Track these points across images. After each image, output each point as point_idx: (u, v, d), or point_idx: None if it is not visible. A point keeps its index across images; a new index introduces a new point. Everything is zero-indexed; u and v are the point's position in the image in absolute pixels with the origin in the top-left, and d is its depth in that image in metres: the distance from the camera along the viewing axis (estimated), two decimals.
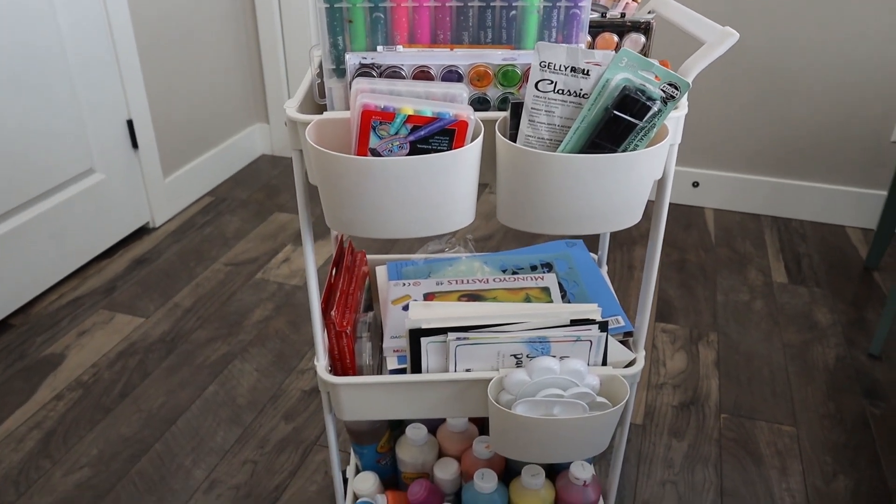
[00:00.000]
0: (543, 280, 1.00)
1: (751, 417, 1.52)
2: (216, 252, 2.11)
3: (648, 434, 1.47)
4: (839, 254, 2.14)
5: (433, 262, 1.07)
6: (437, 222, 0.73)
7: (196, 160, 2.40)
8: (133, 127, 2.09)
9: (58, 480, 1.37)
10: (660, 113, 0.68)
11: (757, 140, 2.28)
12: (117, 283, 1.96)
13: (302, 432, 1.47)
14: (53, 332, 1.77)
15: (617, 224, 0.75)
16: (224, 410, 1.53)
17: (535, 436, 0.86)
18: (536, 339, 0.86)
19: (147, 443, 1.45)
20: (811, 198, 2.29)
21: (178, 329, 1.78)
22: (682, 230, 2.24)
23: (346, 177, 0.69)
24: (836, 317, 1.84)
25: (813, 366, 1.67)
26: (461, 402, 0.89)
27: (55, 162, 1.86)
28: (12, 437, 1.46)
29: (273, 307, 1.86)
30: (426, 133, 0.68)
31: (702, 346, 1.73)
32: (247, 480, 1.37)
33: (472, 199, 0.75)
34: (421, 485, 1.11)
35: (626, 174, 0.71)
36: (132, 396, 1.57)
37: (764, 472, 1.39)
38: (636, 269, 2.03)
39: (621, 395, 0.88)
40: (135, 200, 2.15)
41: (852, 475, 1.39)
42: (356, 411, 0.91)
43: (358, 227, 0.73)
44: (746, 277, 2.01)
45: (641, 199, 0.75)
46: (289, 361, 1.67)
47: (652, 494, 1.34)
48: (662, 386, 1.60)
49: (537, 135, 0.71)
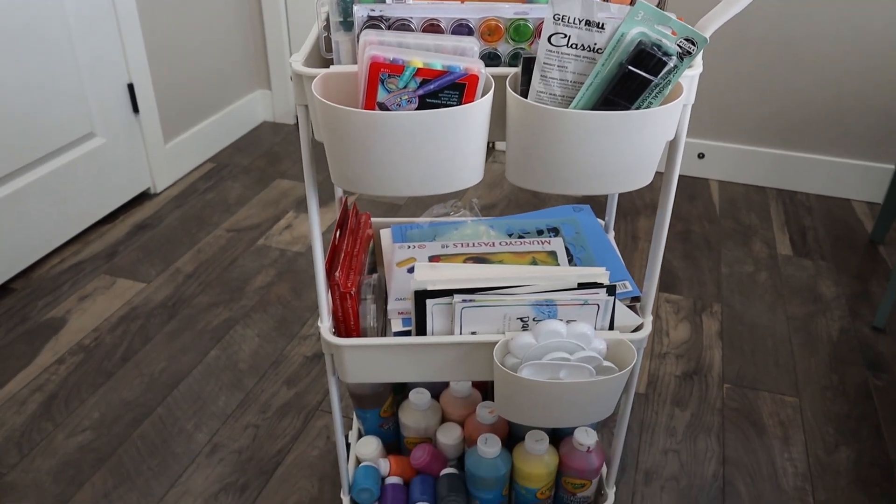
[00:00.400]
0: (550, 244, 0.99)
1: (754, 388, 1.52)
2: (218, 218, 2.09)
3: (651, 403, 1.47)
4: (844, 227, 2.12)
5: (438, 226, 1.05)
6: (446, 179, 0.71)
7: (197, 126, 2.37)
8: (133, 91, 2.06)
9: (60, 443, 1.37)
10: (675, 69, 0.66)
11: (764, 111, 2.25)
12: (118, 248, 1.95)
13: (304, 398, 1.47)
14: (55, 297, 1.76)
15: (628, 184, 0.73)
16: (226, 375, 1.53)
17: (540, 399, 0.86)
18: (543, 303, 0.85)
19: (149, 406, 1.45)
20: (817, 170, 2.27)
21: (179, 294, 1.77)
22: (687, 201, 2.23)
23: (352, 131, 0.67)
24: (841, 289, 1.83)
25: (816, 337, 1.66)
26: (466, 365, 0.89)
27: (55, 125, 1.84)
28: (14, 399, 1.46)
29: (275, 273, 1.85)
30: (436, 87, 0.66)
31: (705, 316, 1.72)
32: (249, 444, 1.37)
33: (481, 157, 0.73)
34: (423, 449, 1.11)
35: (638, 132, 0.69)
36: (134, 361, 1.56)
37: (766, 441, 1.39)
38: (640, 240, 2.02)
39: (628, 360, 0.87)
40: (136, 165, 2.13)
41: (854, 446, 1.39)
42: (360, 373, 0.91)
43: (364, 184, 0.71)
44: (751, 249, 2.00)
45: (653, 160, 0.73)
46: (291, 327, 1.66)
47: (654, 462, 1.34)
48: (665, 356, 1.60)
49: (549, 91, 0.69)
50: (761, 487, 1.30)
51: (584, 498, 1.10)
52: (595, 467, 1.06)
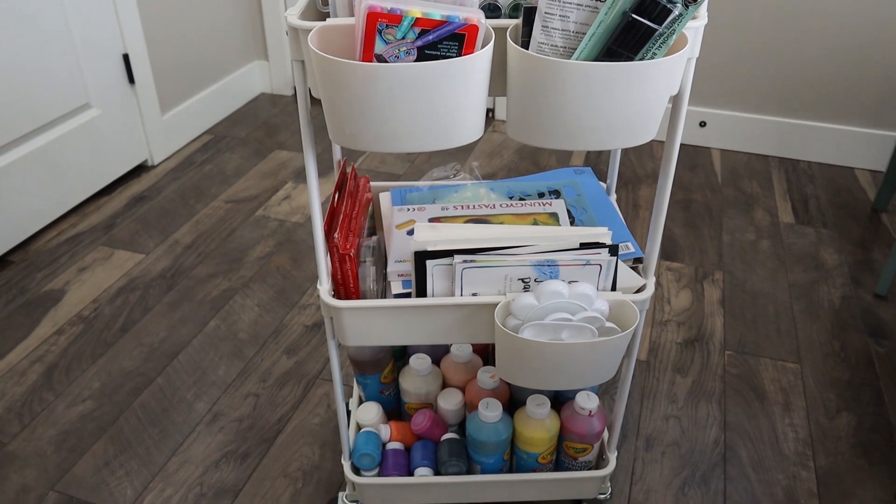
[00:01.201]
0: (551, 206, 0.97)
1: (755, 354, 1.51)
2: (216, 189, 2.08)
3: (652, 370, 1.47)
4: (847, 195, 2.11)
5: (438, 189, 1.04)
6: (445, 135, 0.70)
7: (194, 97, 2.35)
8: (129, 61, 2.04)
9: (61, 413, 1.37)
10: (680, 17, 0.64)
11: (767, 79, 2.22)
12: (116, 220, 1.94)
13: (304, 366, 1.47)
14: (53, 269, 1.75)
15: (631, 139, 0.72)
16: (225, 345, 1.52)
17: (542, 361, 0.85)
18: (545, 263, 0.84)
19: (149, 376, 1.45)
20: (820, 139, 2.25)
21: (178, 265, 1.76)
22: (689, 170, 2.21)
23: (350, 85, 0.66)
24: (843, 257, 1.82)
25: (818, 305, 1.66)
26: (467, 327, 0.88)
27: (50, 96, 1.82)
28: (14, 370, 1.46)
29: (274, 244, 1.84)
30: (434, 38, 0.64)
31: (707, 284, 1.72)
32: (249, 413, 1.37)
33: (482, 112, 0.72)
34: (424, 415, 1.11)
35: (642, 85, 0.68)
36: (133, 331, 1.56)
37: (767, 407, 1.39)
38: (641, 209, 2.00)
39: (630, 321, 0.86)
40: (132, 137, 2.11)
41: (855, 411, 1.38)
42: (360, 336, 0.90)
43: (363, 141, 0.70)
44: (753, 217, 1.98)
45: (656, 115, 0.72)
46: (290, 297, 1.65)
47: (655, 429, 1.34)
48: (667, 323, 1.59)
49: (551, 42, 0.67)
50: (762, 453, 1.30)
51: (585, 462, 1.10)
52: (597, 431, 1.06)
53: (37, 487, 1.22)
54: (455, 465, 1.07)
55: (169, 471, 1.26)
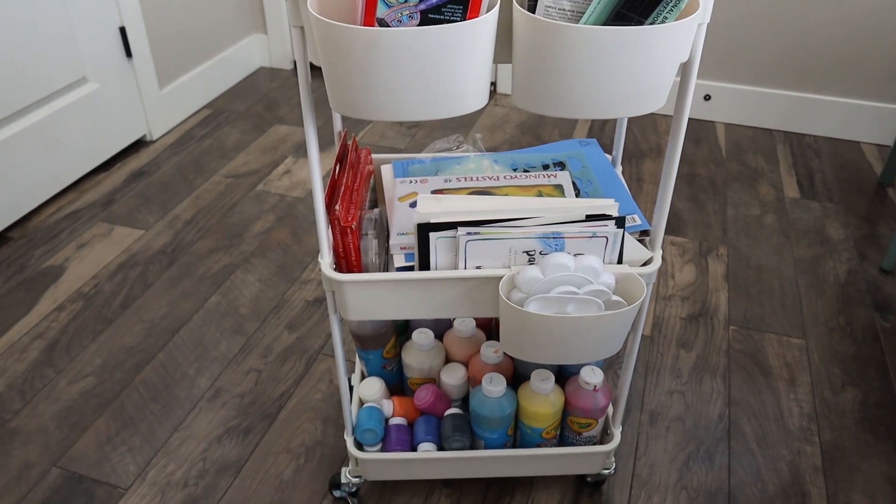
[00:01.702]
0: (556, 178, 0.96)
1: (760, 330, 1.50)
2: (216, 164, 2.06)
3: (656, 345, 1.46)
4: (853, 169, 2.09)
5: (441, 161, 1.02)
6: (448, 103, 0.68)
7: (192, 71, 2.31)
8: (126, 34, 2.01)
9: (62, 389, 1.36)
10: None
11: (772, 51, 2.19)
12: (115, 196, 1.92)
13: (305, 341, 1.46)
14: (52, 245, 1.74)
15: (639, 108, 0.70)
16: (227, 320, 1.51)
17: (547, 335, 0.84)
18: (550, 235, 0.82)
19: (150, 352, 1.44)
20: (826, 112, 2.22)
21: (178, 241, 1.75)
22: (693, 144, 2.19)
23: (350, 51, 0.64)
24: (849, 232, 1.81)
25: (824, 280, 1.64)
26: (471, 300, 0.87)
27: (46, 70, 1.79)
28: (15, 347, 1.45)
29: (275, 218, 1.82)
30: (438, 1, 0.62)
31: (711, 259, 1.70)
32: (251, 388, 1.36)
33: (486, 80, 0.70)
34: (427, 390, 1.10)
35: (652, 51, 0.65)
36: (134, 307, 1.55)
37: (772, 382, 1.38)
38: (645, 182, 1.98)
39: (637, 295, 0.85)
40: (131, 112, 2.09)
41: (860, 386, 1.38)
42: (362, 311, 0.88)
43: (365, 109, 0.68)
44: (758, 192, 1.96)
45: (666, 82, 0.70)
46: (291, 272, 1.64)
47: (659, 403, 1.33)
48: (671, 298, 1.58)
49: (558, 5, 0.65)
50: (767, 428, 1.29)
51: (589, 437, 1.09)
52: (601, 406, 1.05)
53: (39, 464, 1.22)
54: (458, 440, 1.06)
55: (171, 447, 1.25)
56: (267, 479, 1.20)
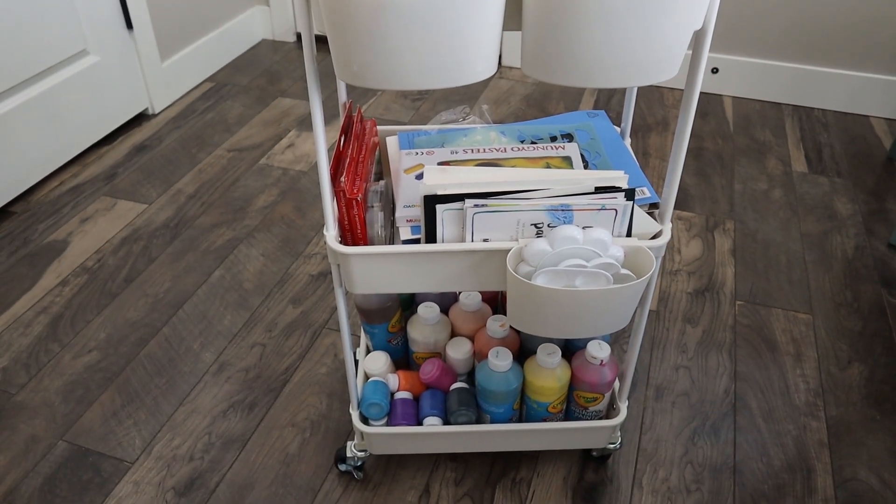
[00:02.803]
0: (564, 149, 0.94)
1: (766, 305, 1.49)
2: (218, 138, 2.04)
3: (662, 320, 1.45)
4: (862, 144, 2.06)
5: (447, 132, 1.01)
6: (458, 70, 0.66)
7: (194, 44, 2.29)
8: (126, 6, 1.98)
9: (67, 363, 1.36)
10: None
11: (781, 24, 2.16)
12: (118, 169, 1.91)
13: (310, 316, 1.45)
14: (56, 219, 1.73)
15: (652, 76, 0.68)
16: (231, 295, 1.51)
17: (555, 309, 0.83)
18: (559, 208, 0.81)
19: (155, 327, 1.44)
20: (835, 86, 2.19)
21: (181, 215, 1.74)
22: (700, 118, 2.16)
23: (357, 16, 0.62)
24: (857, 207, 1.79)
25: (831, 255, 1.63)
26: (478, 273, 0.86)
27: (46, 42, 1.77)
28: (20, 321, 1.45)
29: (278, 192, 1.81)
30: None
31: (718, 233, 1.69)
32: (256, 363, 1.36)
33: (495, 46, 0.68)
34: (433, 364, 1.09)
35: (666, 16, 0.64)
36: (138, 281, 1.54)
37: (778, 357, 1.38)
38: (651, 157, 1.97)
39: (646, 268, 0.84)
40: (132, 85, 2.07)
41: (867, 362, 1.37)
42: (368, 284, 0.88)
43: (371, 78, 0.67)
44: (765, 166, 1.95)
45: (679, 50, 0.68)
46: (295, 246, 1.63)
47: (665, 378, 1.33)
48: (677, 273, 1.57)
49: None
50: (773, 403, 1.29)
51: (595, 412, 1.09)
52: (608, 381, 1.04)
53: (46, 437, 1.22)
54: (464, 414, 1.06)
55: (177, 420, 1.25)
56: (272, 453, 1.20)
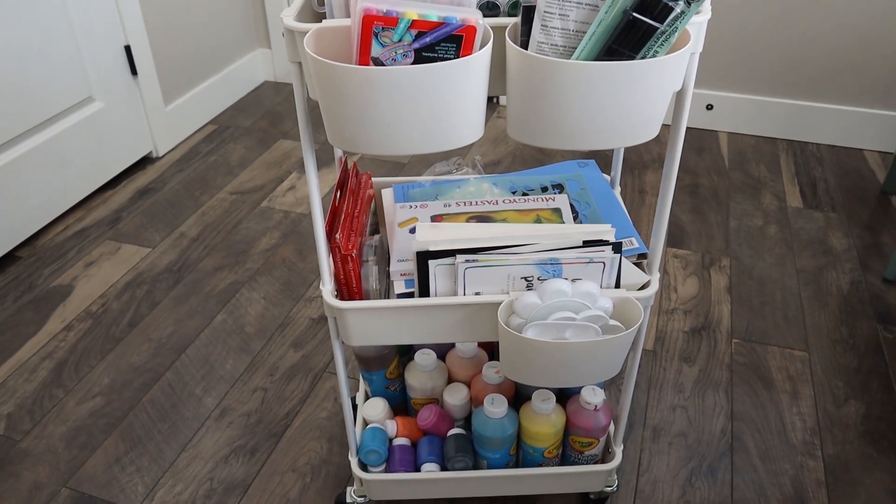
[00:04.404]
0: (554, 201, 0.97)
1: (762, 342, 1.50)
2: (221, 181, 2.08)
3: (659, 359, 1.46)
4: (856, 178, 2.09)
5: (440, 184, 1.03)
6: (444, 137, 0.69)
7: (197, 87, 2.34)
8: (131, 52, 2.03)
9: (71, 409, 1.38)
10: (682, 15, 0.63)
11: (774, 60, 2.19)
12: (122, 213, 1.94)
13: (311, 359, 1.47)
14: (60, 264, 1.76)
15: (633, 138, 0.71)
16: (233, 339, 1.53)
17: (546, 360, 0.85)
18: (548, 261, 0.83)
19: (158, 371, 1.45)
20: (829, 120, 2.22)
21: (184, 258, 1.76)
22: (695, 154, 2.19)
23: (347, 88, 0.65)
24: (852, 241, 1.81)
25: (827, 291, 1.65)
26: (471, 326, 0.88)
27: (52, 90, 1.82)
28: (25, 367, 1.47)
29: (279, 235, 1.84)
30: (432, 40, 0.63)
31: (714, 271, 1.71)
32: (257, 407, 1.37)
33: (481, 113, 0.71)
34: (430, 410, 1.11)
35: (644, 84, 0.67)
36: (141, 326, 1.57)
37: (775, 396, 1.39)
38: (647, 195, 1.99)
39: (635, 318, 0.86)
40: (136, 129, 2.11)
41: (864, 399, 1.38)
42: (364, 337, 0.90)
43: (361, 144, 0.69)
44: (760, 202, 1.97)
45: (659, 112, 0.71)
46: (296, 289, 1.66)
47: (662, 419, 1.34)
48: (673, 311, 1.58)
49: (550, 41, 0.66)
50: (770, 442, 1.29)
51: (591, 456, 1.10)
52: (602, 426, 1.06)
53: (49, 484, 1.24)
54: (461, 460, 1.07)
55: (179, 466, 1.27)
56: (273, 499, 1.21)
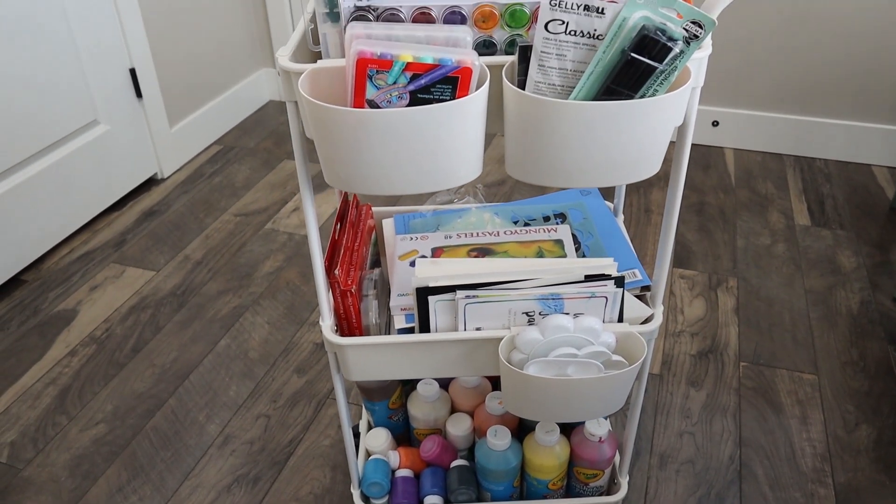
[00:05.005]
0: (556, 232, 0.96)
1: (771, 365, 1.49)
2: (225, 202, 2.08)
3: (666, 384, 1.45)
4: (865, 194, 2.07)
5: (442, 214, 1.03)
6: (442, 177, 0.68)
7: (202, 108, 2.34)
8: (136, 75, 2.04)
9: (74, 437, 1.37)
10: (682, 55, 0.62)
11: (780, 75, 2.18)
12: (127, 236, 1.94)
13: (315, 385, 1.46)
14: (65, 288, 1.76)
15: (634, 176, 0.70)
16: (236, 364, 1.52)
17: (548, 396, 0.84)
18: (549, 297, 0.82)
19: (161, 398, 1.45)
20: (836, 135, 2.21)
21: (188, 282, 1.76)
22: (701, 171, 2.18)
23: (342, 131, 0.64)
24: (861, 260, 1.79)
25: (836, 311, 1.62)
26: (471, 361, 0.87)
27: (57, 114, 1.82)
28: (29, 393, 1.47)
29: (283, 258, 1.83)
30: (427, 81, 0.63)
31: (721, 292, 1.69)
32: (260, 435, 1.36)
33: (479, 151, 0.70)
34: (433, 441, 1.10)
35: (644, 122, 0.66)
36: (145, 351, 1.56)
37: (784, 421, 1.37)
38: (653, 213, 1.98)
39: (638, 353, 0.85)
40: (141, 151, 2.11)
41: (875, 424, 1.36)
42: (364, 372, 0.89)
43: (357, 184, 0.69)
44: (768, 220, 1.95)
45: (660, 148, 0.70)
46: (300, 313, 1.65)
47: (669, 445, 1.32)
48: (680, 334, 1.57)
49: (548, 81, 0.66)
50: (779, 469, 1.27)
51: (596, 488, 1.08)
52: (607, 457, 1.04)
53: None
54: (464, 492, 1.06)
55: (181, 496, 1.26)
56: None
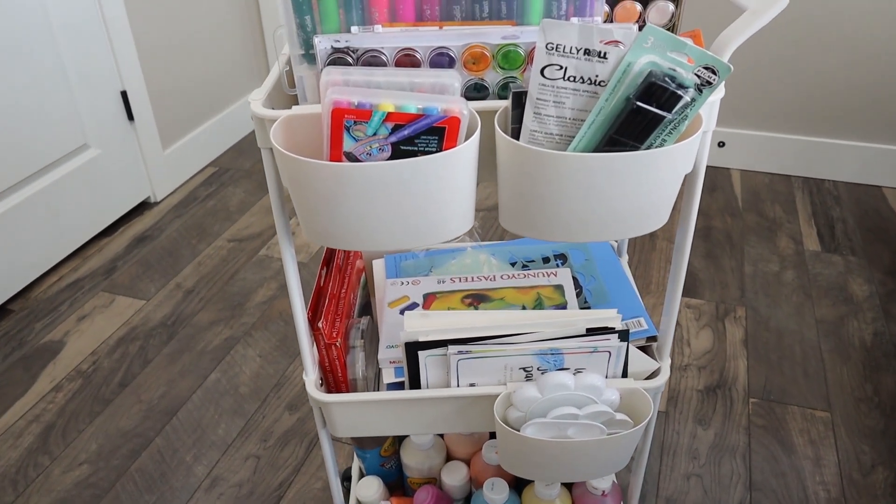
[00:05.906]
0: (556, 276, 0.90)
1: (782, 402, 1.42)
2: (219, 227, 2.02)
3: (672, 422, 1.39)
4: (876, 217, 2.01)
5: (435, 255, 0.97)
6: (429, 232, 0.63)
7: (196, 130, 2.30)
8: (127, 98, 1.99)
9: (56, 479, 1.32)
10: (693, 103, 0.57)
11: (788, 95, 2.13)
12: (118, 262, 1.89)
13: (306, 423, 1.40)
14: (53, 318, 1.71)
15: (639, 229, 0.65)
16: (226, 400, 1.46)
17: (547, 457, 0.78)
18: (548, 352, 0.77)
19: (147, 437, 1.39)
20: (846, 156, 2.15)
21: (179, 312, 1.71)
22: (707, 194, 2.12)
23: (318, 184, 0.59)
24: (874, 287, 1.73)
25: (848, 343, 1.56)
26: (465, 418, 0.81)
27: (47, 139, 1.77)
28: (10, 431, 1.41)
29: (276, 286, 1.78)
30: (410, 132, 0.57)
31: (728, 322, 1.63)
32: (249, 477, 1.31)
33: (470, 203, 0.64)
34: (427, 491, 1.04)
35: (650, 174, 0.60)
36: (132, 386, 1.51)
37: (796, 462, 1.30)
38: (658, 239, 1.92)
39: (644, 410, 0.79)
40: (133, 175, 2.06)
41: (892, 466, 1.29)
42: (351, 428, 0.83)
43: (337, 240, 0.63)
44: (776, 245, 1.89)
45: (669, 200, 0.64)
46: (292, 346, 1.59)
47: (676, 489, 1.26)
48: (687, 367, 1.51)
49: (544, 130, 0.60)
50: None
51: None
52: None
53: None
54: None
55: None
56: None
